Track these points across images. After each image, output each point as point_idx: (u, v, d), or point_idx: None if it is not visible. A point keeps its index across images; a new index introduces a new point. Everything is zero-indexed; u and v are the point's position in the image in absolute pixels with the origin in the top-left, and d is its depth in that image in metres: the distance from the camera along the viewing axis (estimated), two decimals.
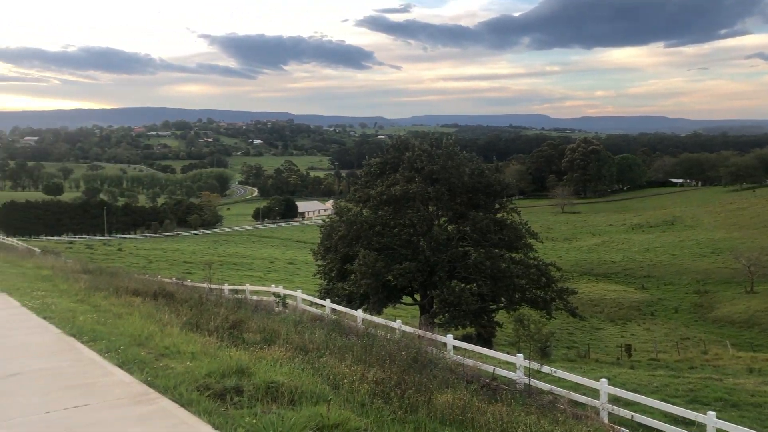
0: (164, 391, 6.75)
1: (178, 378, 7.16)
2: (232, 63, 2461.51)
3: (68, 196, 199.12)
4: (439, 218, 37.27)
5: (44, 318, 11.67)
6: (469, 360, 16.71)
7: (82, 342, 9.42)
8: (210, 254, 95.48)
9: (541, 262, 35.34)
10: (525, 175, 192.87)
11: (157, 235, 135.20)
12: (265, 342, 11.66)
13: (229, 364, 7.76)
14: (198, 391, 6.74)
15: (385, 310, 35.31)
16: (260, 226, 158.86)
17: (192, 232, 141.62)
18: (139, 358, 8.23)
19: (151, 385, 6.99)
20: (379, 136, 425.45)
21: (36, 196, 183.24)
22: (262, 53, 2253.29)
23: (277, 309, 25.84)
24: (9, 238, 66.04)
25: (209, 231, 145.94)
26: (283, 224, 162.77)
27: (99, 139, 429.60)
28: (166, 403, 6.36)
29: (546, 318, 35.17)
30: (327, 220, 44.55)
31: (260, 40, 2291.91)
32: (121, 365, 7.92)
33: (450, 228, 36.64)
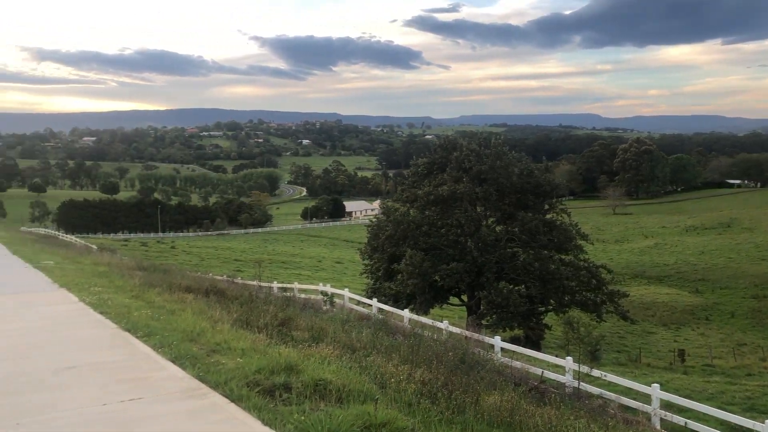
0: (215, 386, 6.89)
1: (228, 374, 7.29)
2: (282, 64, 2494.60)
3: (124, 195, 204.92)
4: (487, 219, 36.96)
5: (101, 313, 12.05)
6: (517, 362, 16.55)
7: (137, 337, 9.68)
8: (259, 252, 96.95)
9: (591, 264, 34.67)
10: (575, 175, 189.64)
11: (209, 233, 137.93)
12: (313, 340, 11.78)
13: (278, 361, 7.86)
14: (248, 387, 6.85)
15: (431, 311, 35.20)
16: (308, 226, 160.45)
17: (242, 231, 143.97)
18: (191, 354, 8.41)
19: (202, 380, 7.14)
20: (427, 136, 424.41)
21: (93, 195, 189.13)
22: (311, 54, 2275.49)
23: (324, 307, 26.09)
24: (68, 236, 68.37)
25: (259, 230, 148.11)
26: (331, 224, 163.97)
27: (153, 139, 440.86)
28: (217, 398, 6.49)
29: (596, 321, 34.50)
30: (374, 219, 44.63)
31: (309, 42, 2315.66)
32: (174, 360, 8.11)
33: (498, 229, 36.29)
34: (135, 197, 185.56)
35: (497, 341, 18.38)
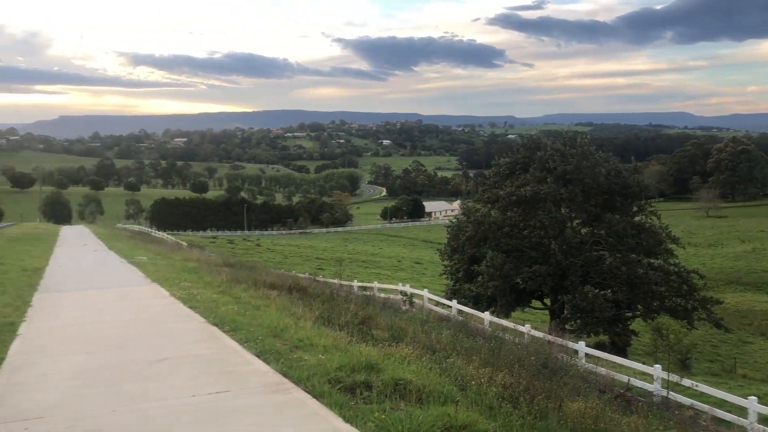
0: (298, 381, 7.02)
1: (311, 370, 7.42)
2: (364, 65, 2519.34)
3: (212, 194, 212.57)
4: (572, 220, 36.01)
5: (190, 308, 12.53)
6: (602, 369, 16.06)
7: (224, 331, 10.01)
8: (340, 251, 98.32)
9: (682, 269, 33.15)
10: (666, 176, 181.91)
11: (292, 231, 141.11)
12: (393, 339, 11.82)
13: (359, 359, 7.93)
14: (329, 383, 6.95)
15: (513, 314, 34.66)
16: (388, 226, 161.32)
17: (324, 230, 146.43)
18: (275, 349, 8.61)
19: (285, 375, 7.29)
20: (509, 136, 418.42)
21: (184, 193, 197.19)
22: (393, 55, 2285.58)
23: (404, 307, 26.17)
24: (159, 232, 71.51)
25: (340, 229, 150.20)
26: (410, 224, 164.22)
27: (240, 140, 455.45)
28: (299, 394, 6.62)
29: (687, 328, 32.95)
30: (454, 220, 44.37)
31: (391, 43, 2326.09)
32: (259, 355, 8.32)
33: (583, 231, 35.31)
34: (223, 196, 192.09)
35: (581, 347, 17.89)
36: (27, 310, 12.68)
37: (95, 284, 17.52)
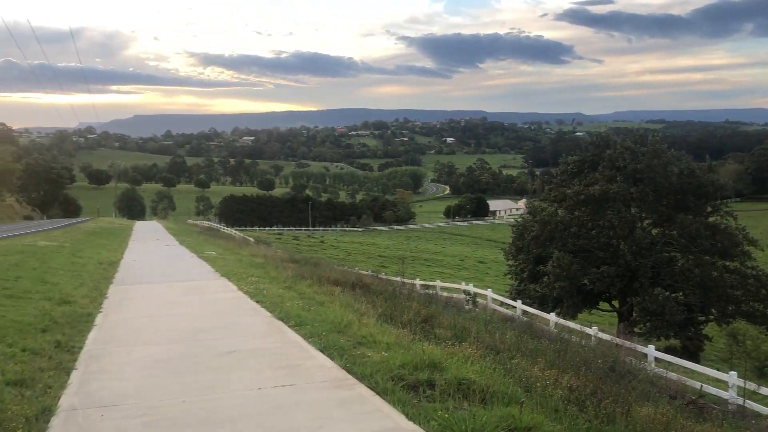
0: (361, 378, 7.07)
1: (374, 366, 7.46)
2: (428, 63, 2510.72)
3: (278, 191, 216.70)
4: (642, 221, 34.93)
5: (257, 302, 12.80)
6: (673, 374, 15.54)
7: (289, 326, 10.18)
8: (403, 249, 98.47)
9: (761, 272, 31.65)
10: (744, 175, 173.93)
11: (355, 229, 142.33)
12: (455, 338, 11.74)
13: (422, 357, 7.91)
14: (392, 381, 6.96)
15: (579, 316, 33.92)
16: (451, 224, 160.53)
17: (386, 228, 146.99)
18: (338, 345, 8.69)
19: (349, 371, 7.35)
20: (577, 133, 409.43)
21: (251, 191, 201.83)
22: (458, 52, 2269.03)
23: (467, 307, 25.98)
24: (228, 228, 73.35)
25: (402, 227, 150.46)
26: (474, 222, 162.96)
27: (306, 138, 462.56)
28: (363, 390, 6.66)
29: (766, 334, 31.49)
30: (519, 219, 43.75)
31: (456, 40, 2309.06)
32: (323, 350, 8.42)
33: (654, 231, 34.20)
34: (288, 194, 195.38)
35: (651, 350, 17.34)
36: (103, 302, 13.23)
37: (167, 278, 18.13)
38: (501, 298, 28.31)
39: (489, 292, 28.38)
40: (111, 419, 5.77)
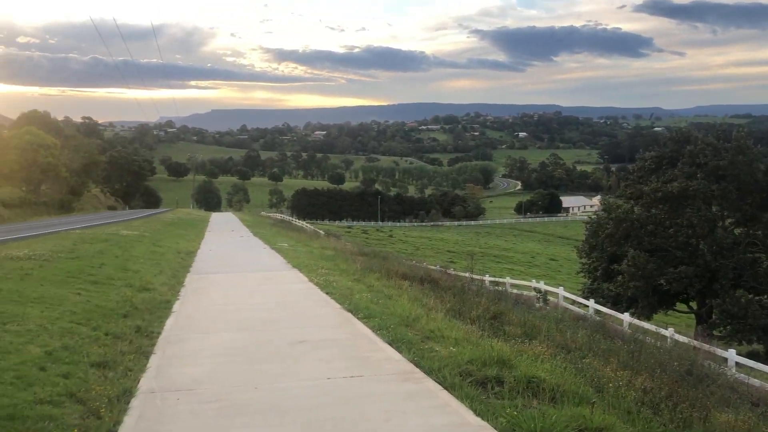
0: (429, 372, 7.07)
1: (442, 361, 7.45)
2: (501, 57, 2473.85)
3: (348, 185, 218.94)
4: (724, 220, 33.44)
5: (327, 293, 13.00)
6: (755, 380, 14.85)
7: (358, 318, 10.29)
8: (472, 245, 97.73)
9: None
10: None
11: (424, 224, 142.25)
12: (525, 336, 11.57)
13: (491, 354, 7.84)
14: (460, 376, 6.93)
15: (654, 316, 32.82)
16: (522, 220, 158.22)
17: (455, 223, 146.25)
18: (407, 339, 8.72)
19: (417, 365, 7.37)
20: (656, 128, 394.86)
21: (322, 184, 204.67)
22: (531, 45, 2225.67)
23: (537, 305, 25.51)
24: (299, 221, 74.69)
25: (472, 222, 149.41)
26: (546, 219, 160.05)
27: (376, 133, 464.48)
28: (430, 384, 6.66)
29: None
30: (593, 216, 42.67)
31: (531, 33, 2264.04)
32: (391, 343, 8.47)
33: (737, 231, 32.71)
34: (358, 188, 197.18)
35: (732, 355, 16.58)
36: (180, 290, 13.73)
37: (241, 268, 18.65)
38: (573, 297, 27.67)
39: (560, 291, 27.78)
40: (186, 403, 5.99)
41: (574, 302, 26.70)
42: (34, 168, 61.25)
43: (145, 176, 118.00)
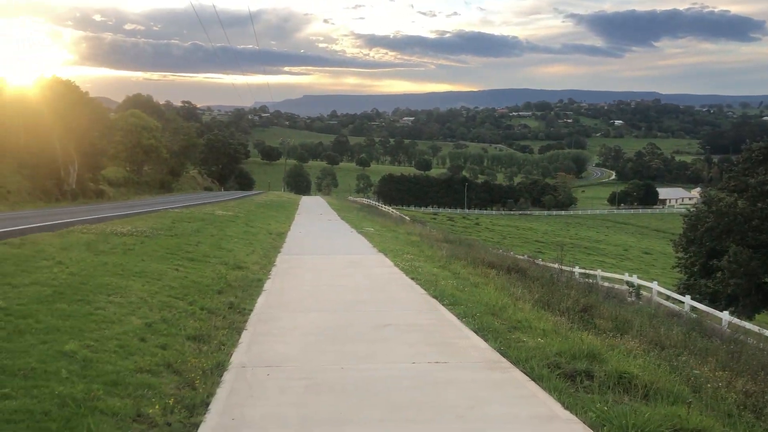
0: (515, 362, 6.95)
1: (529, 352, 7.30)
2: (598, 42, 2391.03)
3: (435, 171, 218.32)
4: None
5: (412, 279, 13.02)
6: None
7: (443, 305, 10.24)
8: (562, 236, 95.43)
9: None
10: None
11: (511, 212, 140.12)
12: (616, 330, 11.21)
13: (580, 347, 7.63)
14: (548, 368, 6.78)
15: (757, 316, 31.02)
16: (615, 211, 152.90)
17: (545, 212, 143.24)
18: (492, 327, 8.61)
19: (503, 354, 7.26)
20: (764, 118, 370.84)
21: (408, 170, 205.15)
22: (631, 30, 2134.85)
23: (629, 299, 24.67)
24: (385, 206, 75.22)
25: (562, 212, 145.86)
26: (641, 211, 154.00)
27: (465, 119, 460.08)
28: (517, 374, 6.54)
29: None
30: (692, 209, 40.71)
31: (630, 17, 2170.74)
32: (477, 331, 8.38)
33: None
34: (445, 174, 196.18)
35: None
36: (271, 269, 14.14)
37: (328, 250, 18.99)
38: (668, 292, 26.53)
39: (654, 285, 26.71)
40: (275, 379, 6.16)
41: (668, 298, 25.62)
42: (137, 149, 64.61)
43: (240, 159, 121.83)
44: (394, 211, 65.58)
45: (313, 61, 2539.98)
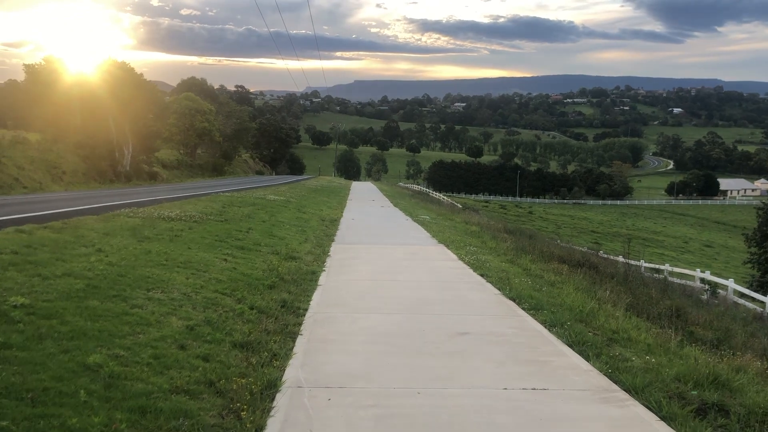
0: (631, 390, 5.62)
1: (642, 376, 5.97)
2: (658, 27, 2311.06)
3: (486, 158, 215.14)
4: None
5: (481, 275, 11.73)
6: None
7: (523, 309, 8.94)
8: (618, 226, 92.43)
9: None
10: None
11: (565, 201, 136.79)
12: (718, 342, 9.80)
13: (701, 369, 6.28)
14: (672, 399, 5.46)
15: None
16: (673, 202, 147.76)
17: (599, 202, 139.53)
18: (587, 340, 7.30)
19: (613, 379, 5.93)
20: None
21: (459, 157, 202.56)
22: (693, 14, 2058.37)
23: (703, 297, 22.91)
24: (436, 193, 73.77)
25: (617, 202, 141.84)
26: (700, 202, 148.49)
27: (518, 106, 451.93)
28: (639, 410, 5.21)
29: None
30: (766, 201, 38.23)
31: (692, 1, 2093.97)
32: (571, 345, 7.06)
33: None
34: (496, 161, 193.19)
35: None
36: (326, 260, 13.07)
37: (385, 239, 17.85)
38: (746, 291, 24.53)
39: (730, 283, 24.75)
40: (338, 406, 5.02)
41: (742, 295, 23.69)
42: (191, 132, 64.73)
43: (291, 144, 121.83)
44: (445, 198, 64.14)
45: (365, 46, 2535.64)
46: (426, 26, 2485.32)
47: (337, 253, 14.34)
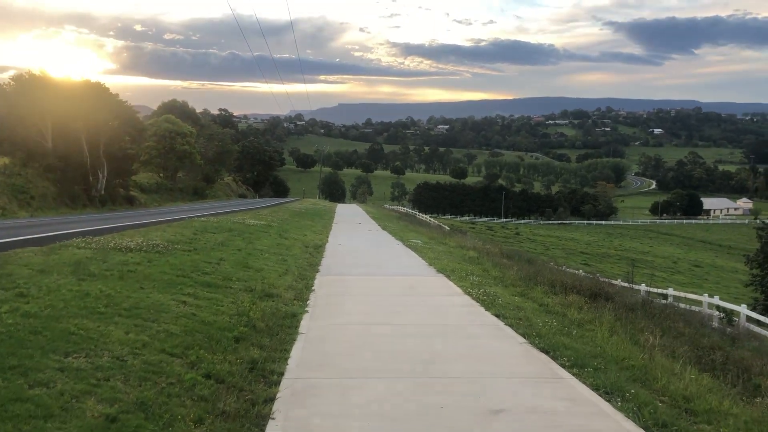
0: None
1: None
2: (637, 50, 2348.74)
3: (471, 180, 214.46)
4: None
5: (496, 315, 9.78)
6: None
7: (561, 365, 7.00)
8: (606, 247, 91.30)
9: None
10: None
11: (550, 222, 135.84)
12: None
13: None
14: None
15: None
16: (658, 222, 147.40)
17: (584, 222, 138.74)
18: (662, 416, 5.39)
19: None
20: None
21: (444, 178, 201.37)
22: (670, 37, 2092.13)
23: (714, 325, 21.25)
24: (423, 215, 72.04)
25: (602, 222, 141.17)
26: (685, 221, 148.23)
27: (500, 127, 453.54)
28: None
29: None
30: (751, 220, 36.98)
31: (670, 24, 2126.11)
32: (646, 428, 5.16)
33: None
34: (481, 182, 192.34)
35: None
36: (309, 296, 11.11)
37: (376, 269, 15.89)
38: (758, 317, 22.85)
39: (743, 309, 23.10)
40: None
41: (759, 323, 21.99)
42: (171, 155, 62.56)
43: (275, 166, 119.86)
44: (431, 219, 62.44)
45: (349, 70, 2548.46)
46: (409, 50, 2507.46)
47: (322, 287, 12.38)
